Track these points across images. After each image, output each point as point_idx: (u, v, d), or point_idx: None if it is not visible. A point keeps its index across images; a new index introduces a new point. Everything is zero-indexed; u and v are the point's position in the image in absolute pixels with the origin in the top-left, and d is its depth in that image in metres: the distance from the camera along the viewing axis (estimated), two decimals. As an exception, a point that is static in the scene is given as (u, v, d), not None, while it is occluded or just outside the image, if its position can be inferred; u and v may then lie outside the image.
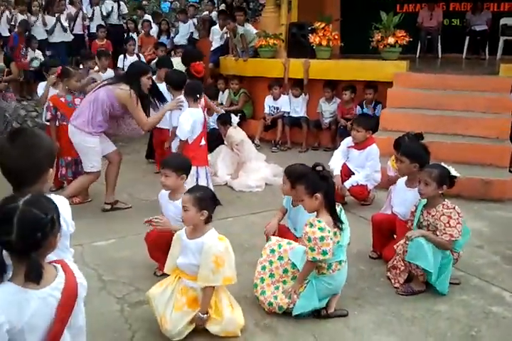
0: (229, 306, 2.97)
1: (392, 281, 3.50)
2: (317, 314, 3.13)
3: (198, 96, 4.96)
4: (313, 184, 2.99)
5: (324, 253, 2.92)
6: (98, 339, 2.92)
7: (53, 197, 2.03)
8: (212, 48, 9.55)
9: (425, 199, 3.45)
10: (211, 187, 4.71)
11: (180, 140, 4.89)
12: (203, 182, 4.86)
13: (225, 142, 6.18)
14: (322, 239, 2.90)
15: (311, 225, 2.93)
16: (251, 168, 6.00)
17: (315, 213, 3.11)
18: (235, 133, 6.01)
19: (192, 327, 2.94)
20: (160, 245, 3.55)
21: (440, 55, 9.88)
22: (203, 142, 5.06)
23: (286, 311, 3.12)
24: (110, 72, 7.58)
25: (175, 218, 3.53)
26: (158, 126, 5.42)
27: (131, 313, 3.21)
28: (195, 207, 2.87)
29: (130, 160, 6.49)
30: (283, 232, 3.69)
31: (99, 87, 4.89)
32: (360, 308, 3.24)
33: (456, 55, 9.88)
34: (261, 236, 3.97)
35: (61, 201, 2.05)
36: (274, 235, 3.62)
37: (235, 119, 6.06)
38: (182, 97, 5.08)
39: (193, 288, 2.91)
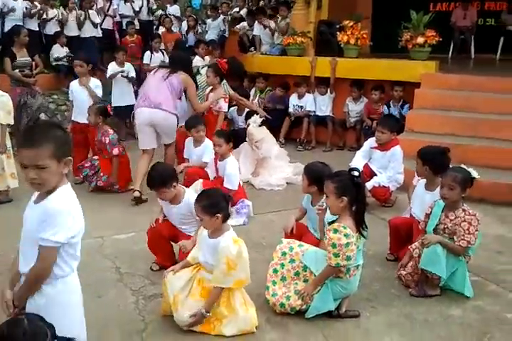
0: (242, 305, 2.99)
1: (403, 280, 3.49)
2: (328, 314, 3.13)
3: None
4: (344, 186, 2.99)
5: (348, 258, 2.93)
6: (112, 329, 3.00)
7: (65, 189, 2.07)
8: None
9: (443, 202, 3.41)
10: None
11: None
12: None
13: (247, 139, 6.23)
14: (347, 245, 2.91)
15: (336, 231, 2.94)
16: (272, 166, 6.02)
17: (330, 216, 3.12)
18: (256, 131, 6.07)
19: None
20: (162, 236, 3.72)
21: (473, 56, 9.69)
22: None
23: (298, 311, 3.13)
24: (128, 66, 7.78)
25: (179, 219, 3.69)
26: None
27: (145, 306, 3.27)
28: (208, 214, 2.90)
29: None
30: (303, 231, 3.71)
31: (169, 74, 5.37)
32: (373, 309, 3.23)
33: (490, 55, 9.67)
34: (280, 235, 3.98)
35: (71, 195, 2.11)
36: (292, 232, 3.66)
37: (257, 120, 6.12)
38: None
39: (208, 280, 2.95)
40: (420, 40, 6.88)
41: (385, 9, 9.75)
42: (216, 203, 2.91)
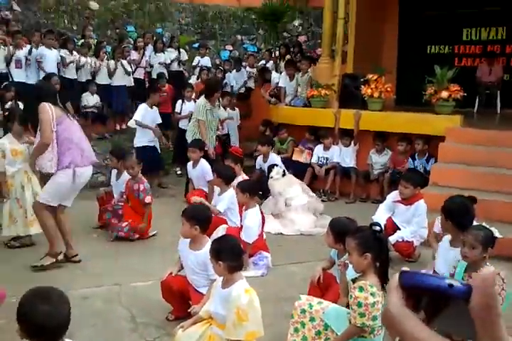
0: None
1: None
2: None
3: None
4: (366, 242, 2.92)
5: (374, 318, 2.83)
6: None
7: None
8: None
9: (464, 262, 3.31)
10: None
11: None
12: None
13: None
14: (374, 304, 2.82)
15: (362, 289, 2.85)
16: (288, 218, 6.08)
17: (352, 273, 3.05)
18: (276, 183, 6.23)
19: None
20: (172, 290, 3.65)
21: (499, 111, 9.69)
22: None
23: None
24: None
25: (192, 268, 3.58)
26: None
27: (159, 358, 3.20)
28: (213, 258, 2.91)
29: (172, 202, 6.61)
30: (330, 282, 3.64)
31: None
32: (394, 372, 3.09)
33: (516, 111, 9.64)
34: (298, 287, 3.92)
35: None
36: (318, 281, 3.60)
37: (279, 171, 6.27)
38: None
39: (219, 336, 2.88)
40: (444, 94, 6.93)
41: (410, 63, 9.92)
42: (221, 251, 2.92)
